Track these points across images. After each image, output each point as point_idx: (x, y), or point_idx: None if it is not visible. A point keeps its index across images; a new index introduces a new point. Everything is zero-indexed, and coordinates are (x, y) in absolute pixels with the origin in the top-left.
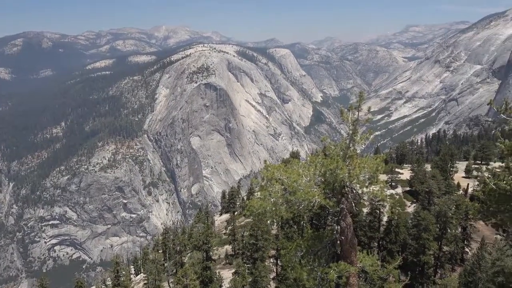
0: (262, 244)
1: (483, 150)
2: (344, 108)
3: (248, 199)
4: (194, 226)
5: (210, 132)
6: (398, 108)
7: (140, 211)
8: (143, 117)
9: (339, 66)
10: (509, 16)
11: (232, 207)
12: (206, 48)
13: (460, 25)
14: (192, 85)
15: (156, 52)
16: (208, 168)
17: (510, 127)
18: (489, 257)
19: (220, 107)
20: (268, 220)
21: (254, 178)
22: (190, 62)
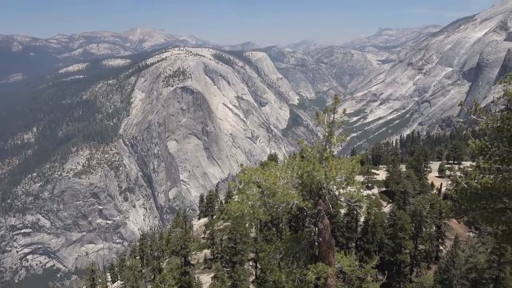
0: (241, 248)
1: (455, 150)
2: (320, 111)
3: (226, 202)
4: (172, 231)
5: (187, 136)
6: (373, 110)
7: (116, 217)
8: (118, 121)
9: (315, 69)
10: (478, 20)
11: (210, 211)
12: (182, 51)
13: (431, 28)
14: (168, 89)
15: (131, 56)
16: (185, 172)
17: (480, 127)
18: (462, 254)
19: (197, 110)
20: (246, 223)
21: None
22: (166, 66)
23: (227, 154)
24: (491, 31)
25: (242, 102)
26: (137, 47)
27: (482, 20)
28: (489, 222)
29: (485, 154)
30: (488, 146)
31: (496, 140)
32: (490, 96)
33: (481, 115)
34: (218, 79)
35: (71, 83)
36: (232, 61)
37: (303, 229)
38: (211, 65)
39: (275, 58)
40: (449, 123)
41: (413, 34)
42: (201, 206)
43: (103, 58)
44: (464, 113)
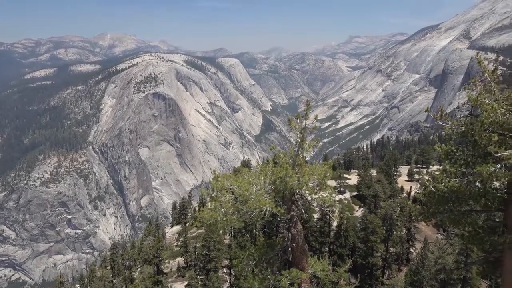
0: (214, 255)
1: (423, 155)
2: (292, 117)
3: (199, 209)
4: (144, 239)
5: (159, 142)
6: (344, 115)
7: (86, 226)
8: (87, 128)
9: (287, 75)
10: (442, 29)
11: (183, 218)
12: (154, 57)
13: (399, 36)
14: (140, 95)
15: (100, 61)
16: (157, 179)
17: (446, 132)
18: (431, 256)
19: (169, 117)
20: (219, 230)
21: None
22: (137, 72)
23: (200, 161)
24: (455, 40)
25: (215, 108)
26: (107, 53)
27: (446, 29)
28: (455, 224)
29: (450, 158)
30: (454, 151)
31: (461, 145)
32: (456, 102)
33: (447, 120)
34: (191, 85)
35: (38, 89)
36: (204, 67)
37: (277, 235)
38: (183, 71)
39: (248, 65)
40: (417, 128)
41: (381, 42)
42: (174, 213)
43: (71, 63)
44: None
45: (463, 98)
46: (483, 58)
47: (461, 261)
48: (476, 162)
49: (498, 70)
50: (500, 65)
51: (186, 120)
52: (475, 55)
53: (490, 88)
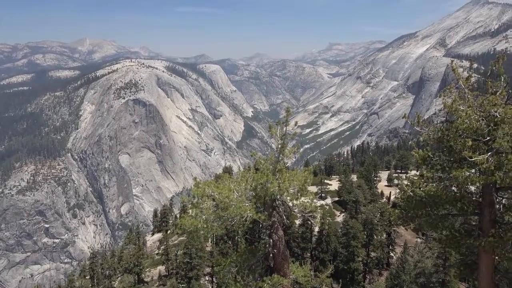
0: (196, 262)
1: (402, 160)
2: (273, 123)
3: (181, 217)
4: (124, 248)
5: (139, 149)
6: (325, 122)
7: (64, 235)
8: (66, 135)
9: (268, 82)
10: (419, 37)
11: (164, 225)
12: (134, 63)
13: (377, 44)
14: (120, 101)
15: (80, 67)
16: (138, 187)
17: (423, 138)
18: (411, 260)
19: (150, 123)
20: (201, 237)
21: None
22: (117, 78)
23: (181, 167)
24: (431, 47)
25: (196, 115)
26: (86, 58)
27: (423, 37)
28: (433, 228)
29: (428, 164)
30: (430, 156)
31: (438, 150)
32: (433, 108)
33: (424, 126)
34: (172, 91)
35: (15, 95)
36: (185, 73)
37: (259, 241)
38: (164, 77)
39: (229, 71)
40: (396, 134)
41: (361, 49)
42: (155, 221)
43: (49, 69)
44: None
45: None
46: (458, 65)
47: (440, 265)
48: (452, 167)
49: (473, 77)
50: (474, 73)
51: (167, 127)
52: (450, 63)
53: (465, 95)
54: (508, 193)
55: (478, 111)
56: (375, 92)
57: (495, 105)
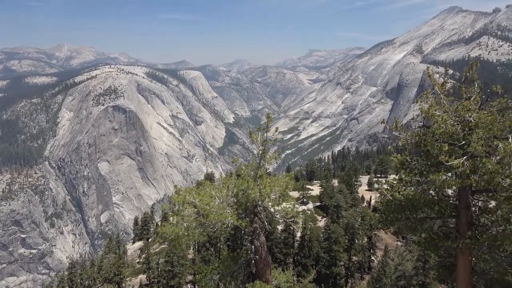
0: (178, 270)
1: (382, 164)
2: (253, 130)
3: (162, 224)
4: (104, 257)
5: (119, 156)
6: (306, 127)
7: (42, 245)
8: (43, 142)
9: (249, 88)
10: (397, 44)
11: (145, 233)
12: (114, 69)
13: (356, 50)
14: (99, 108)
15: (57, 73)
16: (118, 194)
17: (401, 143)
18: (392, 263)
19: (130, 130)
20: (182, 245)
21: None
22: (96, 84)
23: (162, 174)
24: (408, 54)
25: (177, 121)
26: (64, 64)
27: (400, 44)
28: (412, 231)
29: (406, 168)
30: (409, 160)
31: (416, 155)
32: (411, 113)
33: (402, 131)
34: (152, 97)
35: None
36: (166, 79)
37: (241, 248)
38: (145, 83)
39: (210, 77)
40: (376, 139)
41: (340, 56)
42: (135, 229)
43: (26, 75)
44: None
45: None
46: (434, 72)
47: (419, 267)
48: (429, 171)
49: (448, 83)
50: (450, 79)
51: (147, 133)
52: (427, 69)
53: (440, 101)
54: (483, 195)
55: (454, 116)
56: (354, 97)
57: (469, 110)
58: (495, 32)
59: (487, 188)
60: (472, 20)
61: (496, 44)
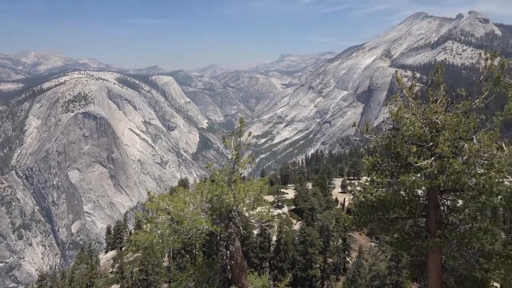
0: (153, 279)
1: (354, 167)
2: (227, 135)
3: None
4: (75, 268)
5: (90, 164)
6: (279, 131)
7: (9, 258)
8: (10, 151)
9: (222, 92)
10: (366, 49)
11: (119, 242)
12: (83, 75)
13: (327, 55)
14: (69, 115)
15: (24, 80)
16: (90, 203)
17: (372, 145)
18: (366, 264)
19: (101, 137)
20: (157, 253)
21: (137, 211)
22: (65, 90)
23: (135, 181)
24: (378, 58)
25: (150, 127)
26: (31, 71)
27: (370, 48)
28: (385, 232)
29: (377, 170)
30: (380, 162)
31: (386, 156)
32: (381, 116)
33: (372, 134)
34: (124, 103)
35: None
36: (138, 85)
37: (217, 254)
38: (116, 89)
39: (182, 82)
40: (348, 141)
41: (312, 60)
42: (108, 238)
43: None
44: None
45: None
46: (403, 75)
47: (393, 267)
48: (400, 172)
49: (416, 87)
50: (417, 82)
51: (119, 140)
52: (395, 73)
53: (409, 104)
54: (451, 195)
55: (421, 119)
56: (327, 101)
57: (436, 113)
58: (459, 37)
59: (454, 187)
60: (437, 26)
61: (460, 49)
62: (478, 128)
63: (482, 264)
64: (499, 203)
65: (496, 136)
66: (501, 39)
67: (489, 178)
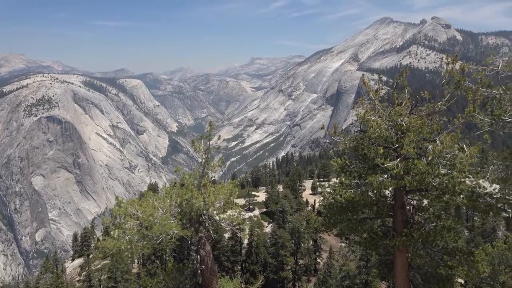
0: (122, 286)
1: (324, 169)
2: (195, 138)
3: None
4: (40, 277)
5: (55, 169)
6: (250, 134)
7: None
8: None
9: (192, 96)
10: (335, 52)
11: (86, 250)
12: (47, 78)
13: (297, 58)
14: (31, 119)
15: None
16: (55, 210)
17: (340, 147)
18: (336, 264)
19: (67, 141)
20: (125, 259)
21: (105, 217)
22: (28, 94)
23: (103, 187)
24: (346, 62)
25: (118, 131)
26: None
27: (338, 52)
28: (354, 232)
29: (346, 171)
30: (348, 164)
31: (354, 158)
32: (350, 119)
33: (341, 136)
34: (90, 107)
35: None
36: (105, 88)
37: (188, 258)
38: (81, 92)
39: (151, 86)
40: (318, 144)
41: (281, 63)
42: (75, 245)
43: None
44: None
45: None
46: (370, 79)
47: (362, 266)
48: (367, 174)
49: (383, 90)
50: (384, 85)
51: (86, 145)
52: (362, 77)
53: (375, 106)
54: (417, 195)
55: (387, 121)
56: (296, 104)
57: (401, 115)
58: (423, 42)
59: (419, 187)
60: (402, 31)
61: (424, 53)
62: (441, 130)
63: (447, 261)
64: (461, 202)
65: (458, 138)
66: (462, 44)
67: (451, 178)
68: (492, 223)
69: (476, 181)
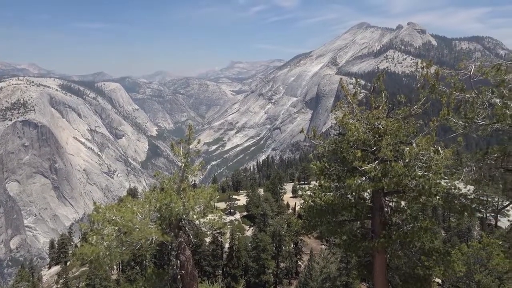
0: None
1: (304, 172)
2: (175, 142)
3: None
4: (15, 286)
5: (31, 175)
6: (230, 138)
7: None
8: None
9: (172, 99)
10: (314, 56)
11: (63, 257)
12: (22, 81)
13: (276, 62)
14: (6, 123)
15: None
16: (31, 217)
17: (319, 151)
18: (317, 267)
19: (43, 146)
20: (104, 266)
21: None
22: (2, 97)
23: (81, 192)
24: (325, 66)
25: (96, 135)
26: None
27: (317, 56)
28: (333, 234)
29: (325, 174)
30: (327, 167)
31: (333, 161)
32: (329, 122)
33: (320, 140)
34: (67, 111)
35: None
36: (82, 92)
37: (168, 264)
38: (58, 96)
39: (130, 89)
40: (298, 147)
41: (261, 67)
42: (51, 252)
43: None
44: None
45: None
46: (348, 83)
47: (342, 268)
48: (346, 176)
49: (361, 94)
50: (362, 89)
51: (63, 149)
52: (340, 81)
53: (353, 110)
54: (394, 196)
55: (365, 124)
56: (276, 108)
57: (378, 118)
58: (399, 47)
59: (397, 189)
60: (379, 35)
61: (400, 58)
62: (417, 133)
63: (424, 262)
64: (437, 203)
65: (433, 140)
66: (436, 49)
67: (427, 180)
68: (467, 223)
69: (451, 183)
